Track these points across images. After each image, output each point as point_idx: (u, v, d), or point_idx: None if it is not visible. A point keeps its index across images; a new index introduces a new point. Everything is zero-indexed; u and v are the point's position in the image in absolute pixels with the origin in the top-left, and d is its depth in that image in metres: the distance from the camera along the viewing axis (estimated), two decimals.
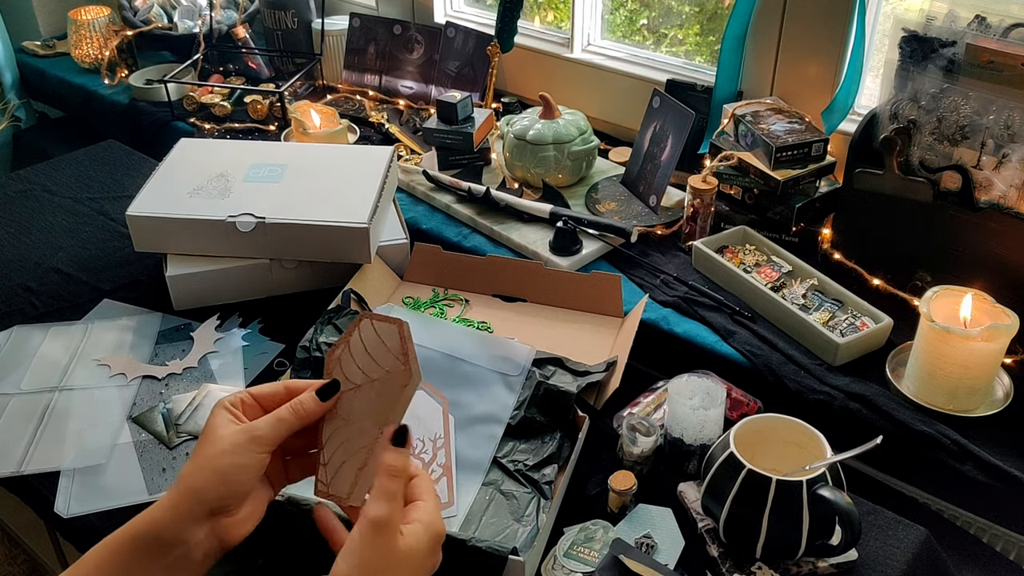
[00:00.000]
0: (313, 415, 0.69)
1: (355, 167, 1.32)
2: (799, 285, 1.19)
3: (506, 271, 1.26)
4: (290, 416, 0.68)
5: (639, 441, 0.98)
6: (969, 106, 1.06)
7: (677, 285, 1.25)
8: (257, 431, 0.67)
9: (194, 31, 1.93)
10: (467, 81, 1.75)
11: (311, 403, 0.69)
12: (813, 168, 1.29)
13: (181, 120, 1.78)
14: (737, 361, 1.13)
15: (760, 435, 0.90)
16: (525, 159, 1.43)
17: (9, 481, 1.01)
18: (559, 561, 0.90)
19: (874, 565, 0.89)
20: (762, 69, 1.45)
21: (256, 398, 0.71)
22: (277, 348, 1.20)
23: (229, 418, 0.68)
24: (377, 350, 0.70)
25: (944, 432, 0.99)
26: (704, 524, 0.92)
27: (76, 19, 1.97)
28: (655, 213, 1.38)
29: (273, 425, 0.67)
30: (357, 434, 0.69)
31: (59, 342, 1.20)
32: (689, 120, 1.32)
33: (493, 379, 1.05)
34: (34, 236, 1.43)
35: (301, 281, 1.28)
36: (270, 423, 0.68)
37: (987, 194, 1.07)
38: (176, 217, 1.23)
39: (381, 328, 0.70)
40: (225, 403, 0.69)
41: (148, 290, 1.30)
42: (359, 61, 1.86)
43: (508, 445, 1.00)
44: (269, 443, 0.67)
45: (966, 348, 0.98)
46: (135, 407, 1.10)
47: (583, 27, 1.68)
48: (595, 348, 1.17)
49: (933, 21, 1.09)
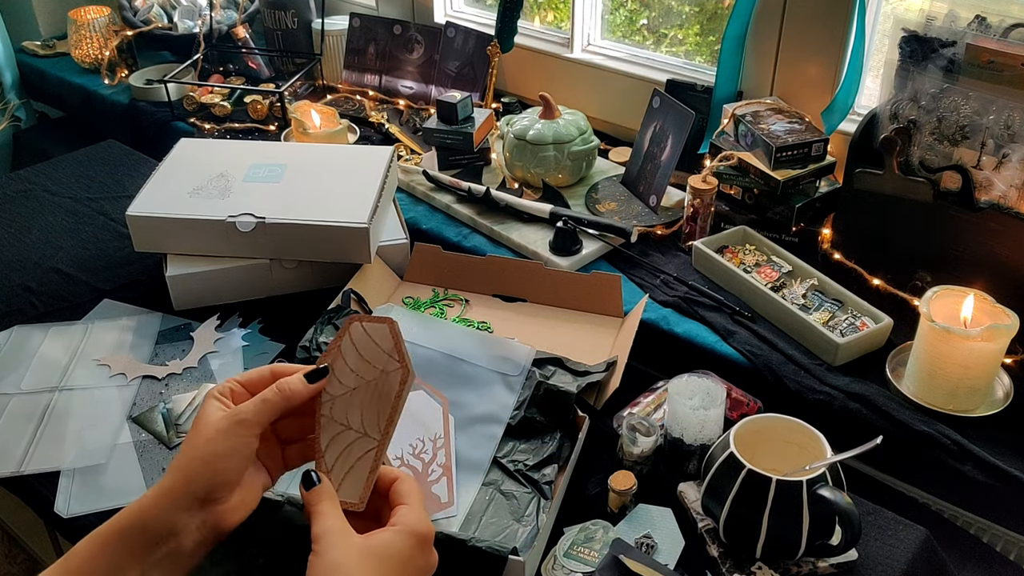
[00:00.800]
0: (299, 396, 0.68)
1: (355, 167, 1.32)
2: (799, 285, 1.19)
3: (506, 271, 1.26)
4: (275, 397, 0.67)
5: (639, 441, 0.98)
6: (969, 106, 1.06)
7: (677, 285, 1.25)
8: (241, 414, 0.66)
9: (194, 31, 1.93)
10: (467, 81, 1.75)
11: (298, 384, 0.68)
12: (813, 168, 1.29)
13: (181, 120, 1.78)
14: (737, 361, 1.13)
15: (760, 435, 0.90)
16: (525, 159, 1.43)
17: (9, 481, 1.01)
18: (559, 561, 0.90)
19: (874, 565, 0.89)
20: (762, 69, 1.45)
21: (244, 384, 0.70)
22: (277, 348, 1.20)
23: (218, 406, 0.67)
24: (370, 351, 0.70)
25: (944, 432, 0.99)
26: (704, 524, 0.92)
27: (76, 19, 1.97)
28: (655, 213, 1.38)
29: (258, 407, 0.67)
30: (359, 439, 0.69)
31: (59, 342, 1.20)
32: (689, 120, 1.32)
33: (493, 379, 1.05)
34: (34, 236, 1.43)
35: (301, 281, 1.28)
36: (255, 404, 0.67)
37: (987, 194, 1.07)
38: (176, 217, 1.23)
39: (372, 329, 0.70)
40: (214, 392, 0.69)
41: (148, 290, 1.30)
42: (359, 61, 1.86)
43: (508, 445, 1.00)
44: (254, 425, 0.66)
45: (966, 348, 0.98)
46: (135, 407, 1.10)
47: (583, 27, 1.68)
48: (595, 348, 1.17)
49: (933, 21, 1.09)
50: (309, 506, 0.66)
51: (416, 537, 0.65)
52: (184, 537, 0.64)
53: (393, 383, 0.69)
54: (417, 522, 0.66)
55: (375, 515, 0.69)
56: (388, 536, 0.64)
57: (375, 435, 0.69)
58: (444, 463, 0.98)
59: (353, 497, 0.68)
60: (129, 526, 0.64)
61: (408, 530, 0.65)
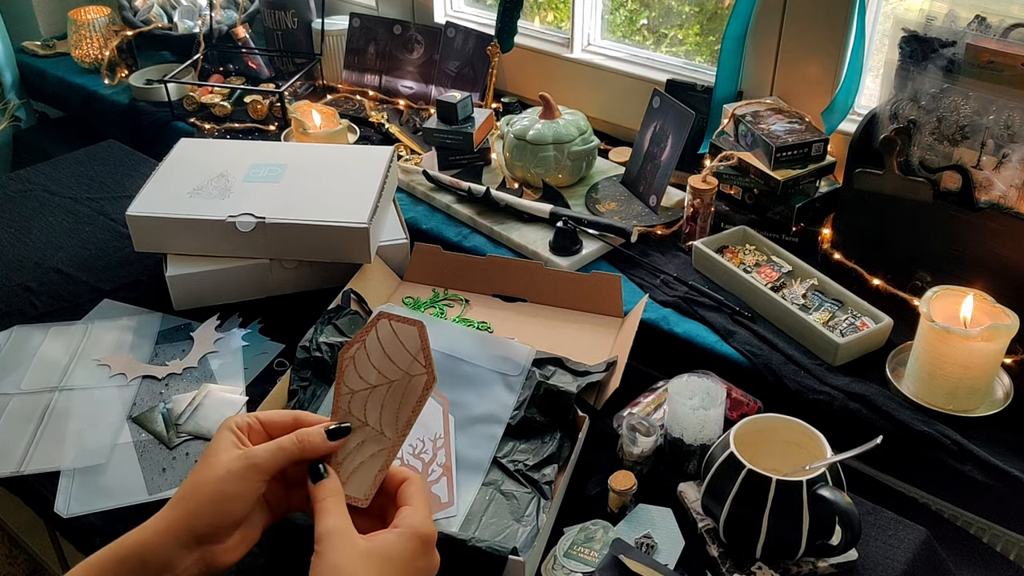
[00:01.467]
0: (318, 452, 0.68)
1: (355, 167, 1.32)
2: (799, 285, 1.19)
3: (506, 271, 1.26)
4: (292, 447, 0.67)
5: (639, 441, 0.98)
6: (969, 106, 1.06)
7: (677, 285, 1.25)
8: (256, 458, 0.65)
9: (194, 31, 1.93)
10: (467, 81, 1.75)
11: (318, 439, 0.68)
12: (813, 168, 1.29)
13: (181, 120, 1.78)
14: (737, 361, 1.13)
15: (760, 435, 0.90)
16: (525, 159, 1.43)
17: (9, 481, 1.01)
18: (559, 561, 0.90)
19: (874, 565, 0.89)
20: (762, 69, 1.45)
21: (264, 424, 0.69)
22: (277, 348, 1.20)
23: (233, 441, 0.67)
24: (395, 351, 0.69)
25: (944, 432, 0.99)
26: (704, 524, 0.92)
27: (76, 19, 1.97)
28: (655, 213, 1.38)
29: (274, 453, 0.66)
30: (374, 437, 0.69)
31: (59, 342, 1.20)
32: (689, 120, 1.32)
33: (493, 379, 1.05)
34: (34, 236, 1.43)
35: (301, 281, 1.28)
36: (271, 451, 0.66)
37: (987, 194, 1.07)
38: (176, 217, 1.23)
39: (400, 329, 0.69)
40: (231, 425, 0.68)
41: (148, 290, 1.30)
42: (359, 61, 1.86)
43: (508, 445, 1.00)
44: (267, 471, 0.66)
45: (966, 348, 0.98)
46: (135, 407, 1.10)
47: (583, 27, 1.68)
48: (595, 348, 1.17)
49: (933, 21, 1.09)
50: (314, 500, 0.66)
51: (419, 539, 0.65)
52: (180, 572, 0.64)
53: (417, 387, 0.69)
54: (421, 524, 0.66)
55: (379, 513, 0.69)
56: (391, 538, 0.64)
57: (391, 435, 0.69)
58: (444, 463, 0.98)
59: (359, 493, 0.68)
60: (128, 556, 0.64)
61: (411, 532, 0.65)
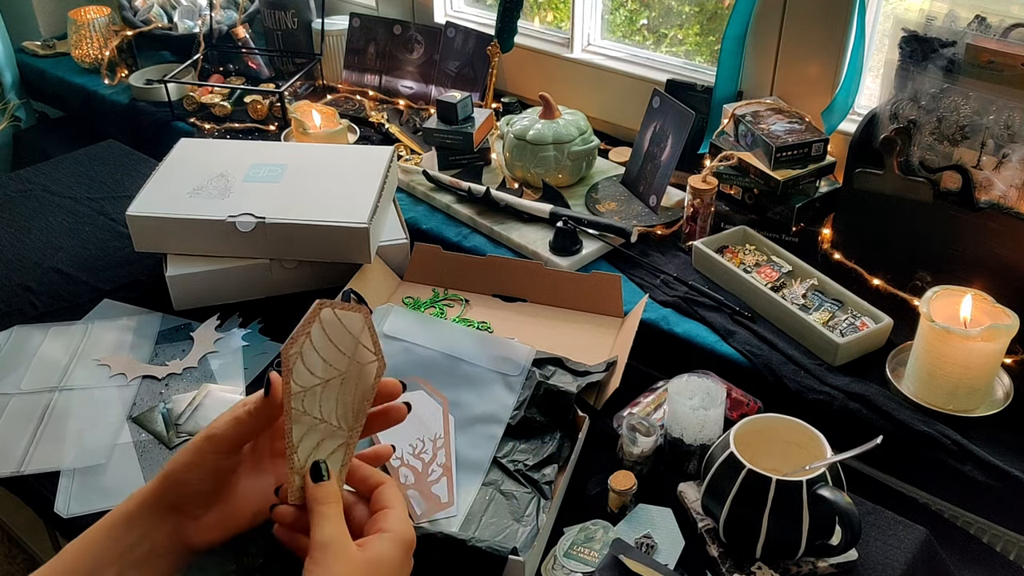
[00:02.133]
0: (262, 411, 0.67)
1: (355, 167, 1.32)
2: (799, 285, 1.19)
3: (506, 271, 1.26)
4: (244, 415, 0.67)
5: (639, 441, 0.98)
6: (969, 106, 1.06)
7: (677, 285, 1.25)
8: (211, 428, 0.67)
9: (194, 31, 1.93)
10: (467, 81, 1.75)
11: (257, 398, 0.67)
12: (813, 168, 1.29)
13: (181, 120, 1.78)
14: (737, 361, 1.13)
15: (760, 435, 0.90)
16: (525, 159, 1.43)
17: (9, 481, 1.01)
18: (559, 561, 0.90)
19: (874, 565, 0.89)
20: (762, 69, 1.45)
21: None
22: (277, 348, 1.19)
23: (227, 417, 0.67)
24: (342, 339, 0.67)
25: (944, 432, 0.99)
26: (704, 524, 0.92)
27: (76, 19, 1.97)
28: (655, 213, 1.38)
29: (230, 424, 0.67)
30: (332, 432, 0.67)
31: (59, 342, 1.20)
32: (689, 120, 1.32)
33: (493, 379, 1.05)
34: (34, 236, 1.43)
35: (301, 281, 1.28)
36: (227, 421, 0.67)
37: (987, 194, 1.07)
38: (176, 217, 1.23)
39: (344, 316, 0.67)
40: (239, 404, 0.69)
41: (148, 290, 1.30)
42: (359, 61, 1.86)
43: (508, 445, 1.00)
44: (222, 441, 0.66)
45: (966, 348, 0.98)
46: (135, 407, 1.10)
47: (583, 27, 1.68)
48: (595, 348, 1.17)
49: (933, 21, 1.09)
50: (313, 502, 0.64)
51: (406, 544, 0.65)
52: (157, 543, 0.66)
53: (369, 375, 0.68)
54: (407, 529, 0.66)
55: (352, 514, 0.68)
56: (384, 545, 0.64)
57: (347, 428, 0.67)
58: (444, 463, 0.98)
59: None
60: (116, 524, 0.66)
61: (399, 538, 0.65)
